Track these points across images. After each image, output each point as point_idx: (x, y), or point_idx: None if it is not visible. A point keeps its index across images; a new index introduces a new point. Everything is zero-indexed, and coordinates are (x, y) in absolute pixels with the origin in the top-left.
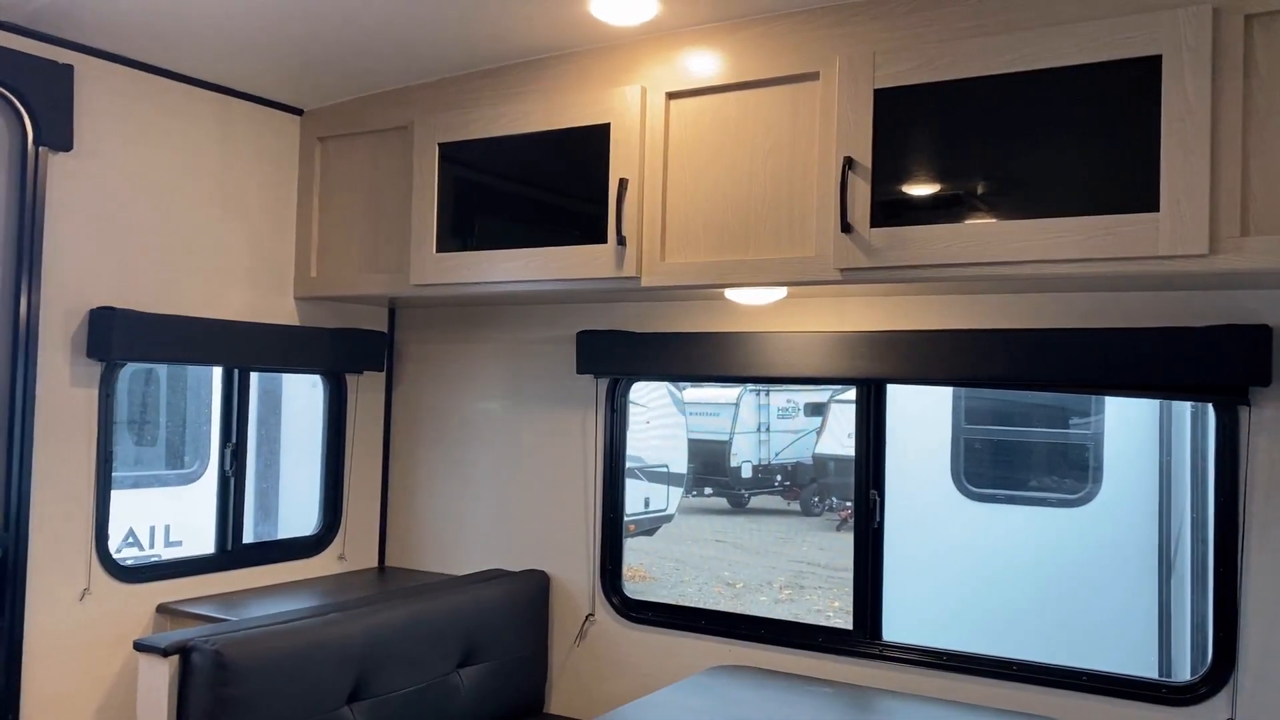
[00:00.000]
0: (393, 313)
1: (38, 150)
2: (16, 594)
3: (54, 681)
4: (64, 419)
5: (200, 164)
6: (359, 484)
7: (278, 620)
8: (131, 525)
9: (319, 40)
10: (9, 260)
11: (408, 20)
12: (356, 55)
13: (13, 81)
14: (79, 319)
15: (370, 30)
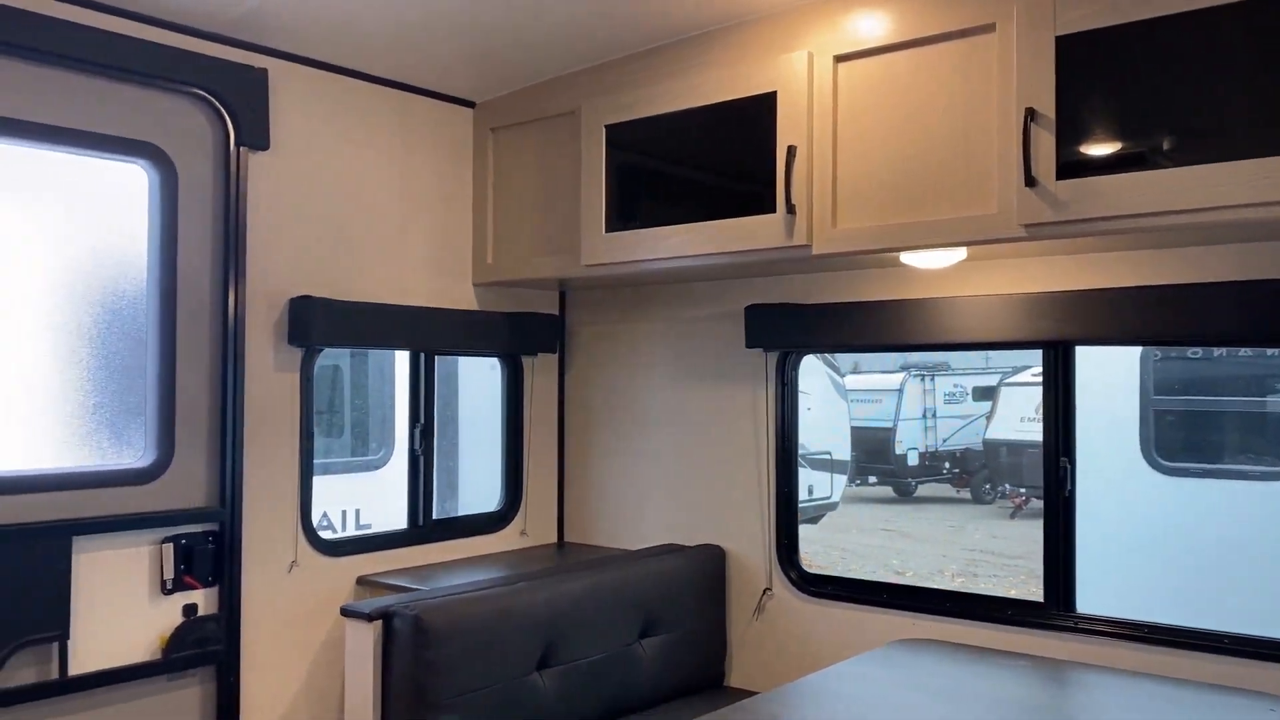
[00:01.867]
0: (563, 296)
1: (239, 150)
2: (234, 565)
3: (268, 645)
4: (269, 402)
5: (384, 158)
6: (537, 462)
7: (470, 589)
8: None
9: (491, 33)
10: (217, 254)
11: (575, 5)
12: (525, 45)
13: (216, 86)
14: (280, 308)
15: (539, 19)
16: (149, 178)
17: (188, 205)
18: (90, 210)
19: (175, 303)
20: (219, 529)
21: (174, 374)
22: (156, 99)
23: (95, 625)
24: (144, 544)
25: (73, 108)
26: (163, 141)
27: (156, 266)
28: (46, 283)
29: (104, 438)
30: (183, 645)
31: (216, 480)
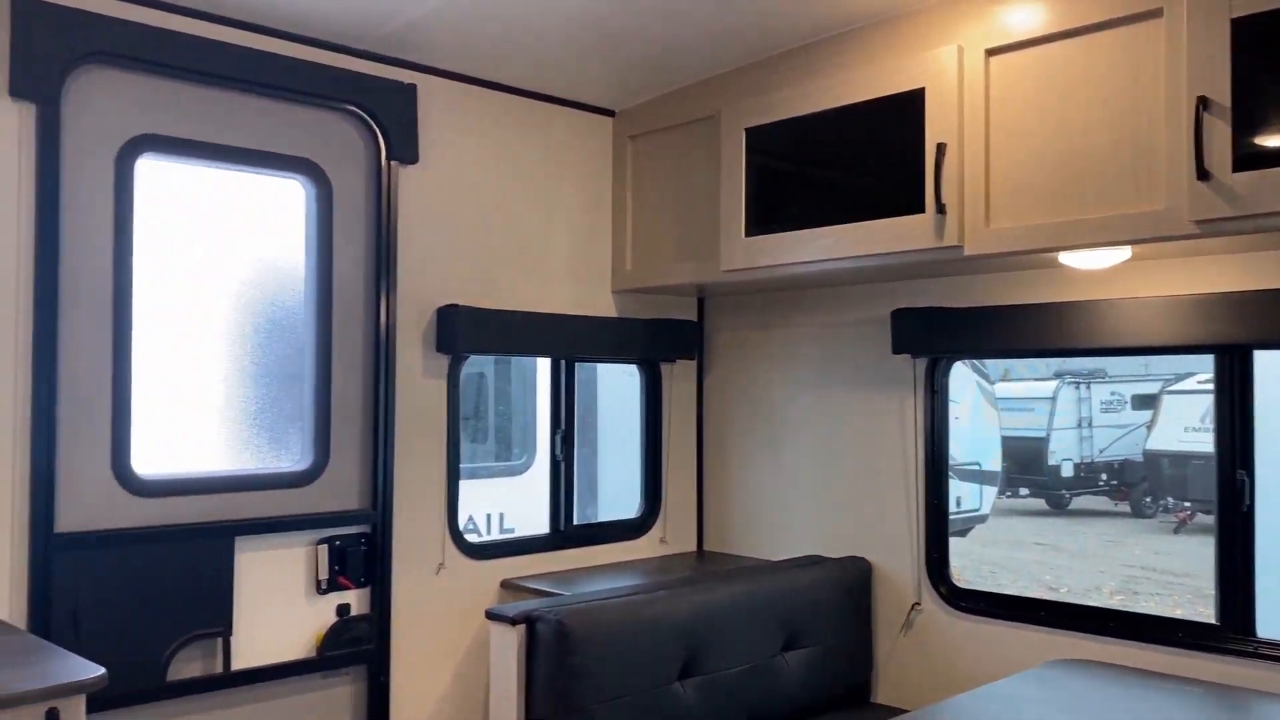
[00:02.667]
0: (702, 302)
1: (390, 164)
2: (384, 567)
3: (417, 645)
4: (418, 408)
5: (526, 168)
6: (676, 470)
7: (612, 595)
8: (470, 514)
9: (631, 42)
10: (369, 265)
11: (715, 8)
12: (665, 52)
13: (368, 103)
14: (428, 316)
15: (679, 25)
16: (306, 192)
17: (342, 218)
18: (253, 224)
19: (331, 312)
20: (371, 531)
21: (329, 381)
22: (314, 116)
23: (256, 622)
24: (301, 544)
25: (240, 127)
26: (319, 157)
27: (314, 278)
28: (215, 295)
29: (264, 442)
30: (337, 644)
31: (369, 483)
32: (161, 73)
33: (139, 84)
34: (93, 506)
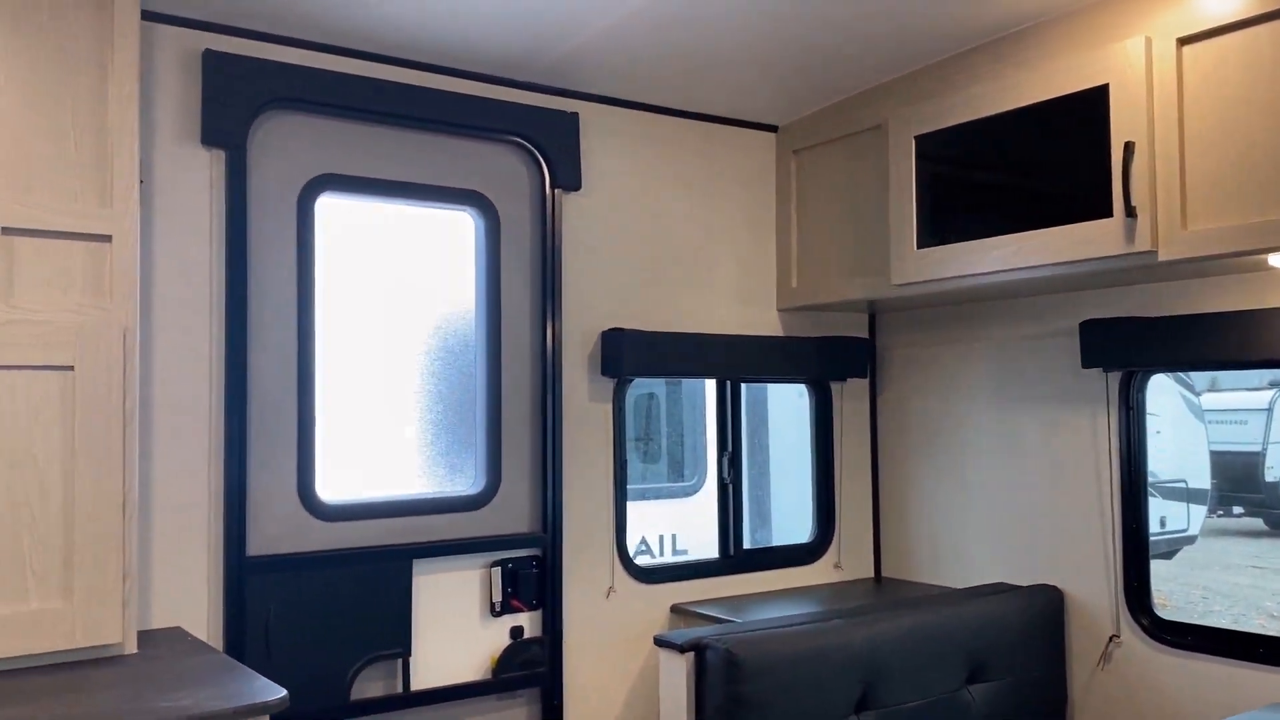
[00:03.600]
0: (873, 318)
1: (554, 192)
2: (555, 590)
3: (588, 669)
4: (585, 432)
5: (688, 189)
6: (850, 492)
7: (783, 623)
8: (644, 535)
9: (793, 55)
10: (535, 292)
11: (879, 16)
12: (828, 64)
13: (532, 133)
14: (593, 340)
15: (843, 35)
16: (475, 223)
17: (509, 247)
18: (426, 256)
19: (500, 339)
20: (542, 554)
21: (499, 407)
22: (481, 149)
23: (433, 643)
24: (475, 567)
25: (412, 163)
26: (487, 188)
27: (483, 306)
28: (391, 325)
29: (440, 467)
30: (511, 666)
31: (539, 507)
32: (338, 115)
33: (317, 126)
34: (281, 531)
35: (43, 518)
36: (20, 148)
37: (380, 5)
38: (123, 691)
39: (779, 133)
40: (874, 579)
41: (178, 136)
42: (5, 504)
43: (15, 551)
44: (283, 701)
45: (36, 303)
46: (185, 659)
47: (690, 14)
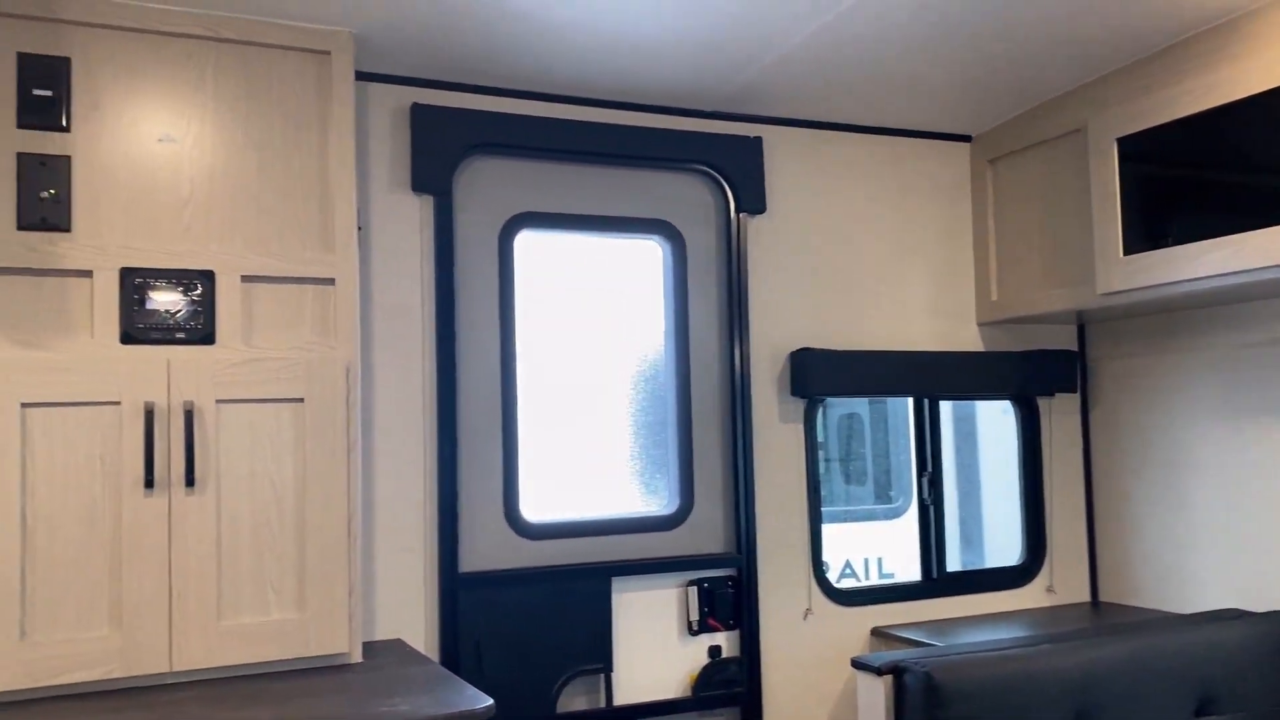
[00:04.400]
0: (1081, 329)
1: (739, 216)
2: (751, 610)
3: (787, 690)
4: (776, 453)
5: (877, 205)
6: (1061, 512)
7: (987, 647)
8: (848, 558)
9: (986, 64)
10: (722, 315)
11: (1074, 18)
12: (1021, 69)
13: (716, 160)
14: (781, 361)
15: (1038, 40)
16: (663, 251)
17: (696, 272)
18: (617, 284)
19: (689, 363)
20: (737, 574)
21: (690, 429)
22: (667, 179)
23: (633, 660)
24: (671, 586)
25: (602, 197)
26: (673, 217)
27: (672, 331)
28: (586, 352)
29: (636, 488)
30: (709, 685)
31: (732, 527)
32: (533, 156)
33: (515, 168)
34: (489, 549)
35: (280, 537)
36: (256, 205)
37: (570, 51)
38: (348, 697)
39: (973, 142)
40: (1090, 603)
41: (390, 185)
42: (249, 525)
43: (258, 568)
44: (489, 710)
45: (271, 342)
46: (404, 668)
47: (872, 31)
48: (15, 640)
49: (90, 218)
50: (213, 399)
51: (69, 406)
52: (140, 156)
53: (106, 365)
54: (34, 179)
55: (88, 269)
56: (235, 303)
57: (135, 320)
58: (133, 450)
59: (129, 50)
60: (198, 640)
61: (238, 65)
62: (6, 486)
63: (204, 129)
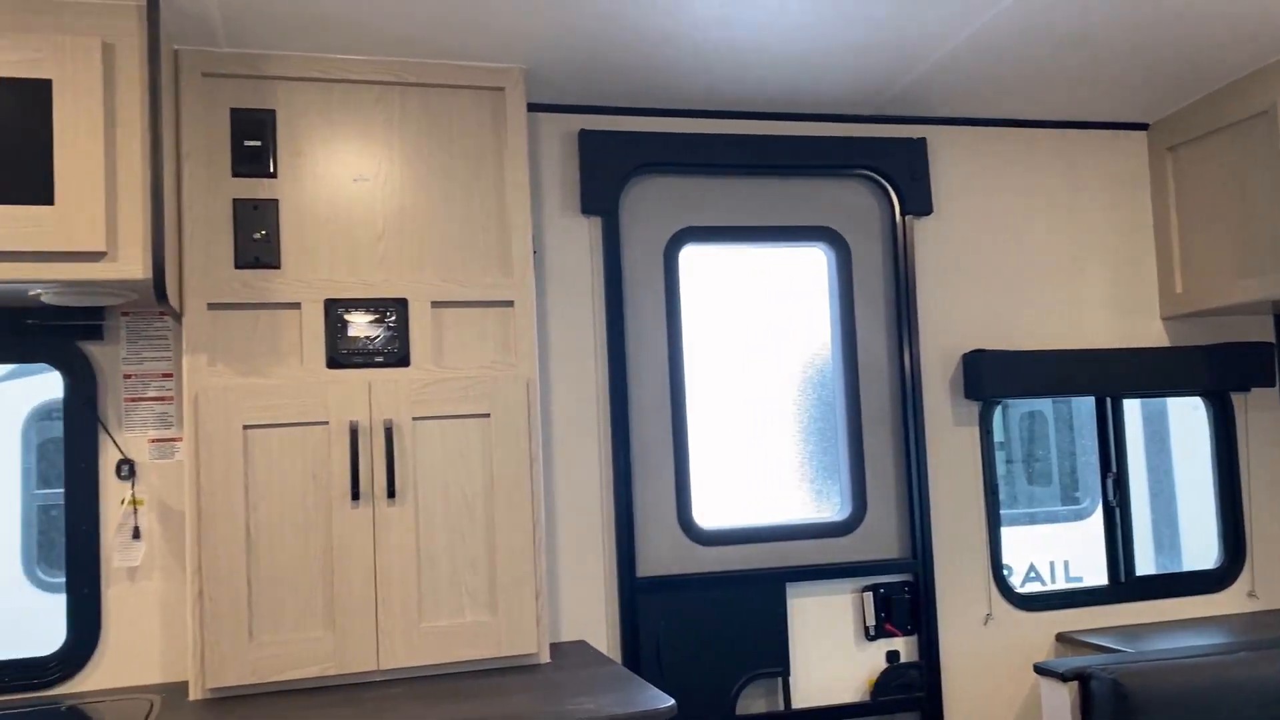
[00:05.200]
0: (1278, 319)
1: (904, 220)
2: (929, 615)
3: (969, 696)
4: (950, 456)
5: (1048, 200)
6: (1263, 513)
7: (1178, 654)
8: (1032, 560)
9: (1161, 49)
10: (890, 319)
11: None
12: (1200, 51)
13: (880, 165)
14: (953, 364)
15: (1213, 23)
16: (827, 257)
17: (861, 278)
18: (782, 292)
19: (857, 368)
20: (913, 579)
21: (860, 433)
22: (829, 186)
23: (810, 664)
24: (846, 591)
25: (765, 208)
26: (837, 223)
27: (839, 336)
28: (754, 361)
29: (807, 494)
30: (888, 690)
31: (907, 533)
32: (696, 172)
33: (679, 185)
34: (664, 555)
35: (472, 544)
36: (441, 235)
37: (730, 69)
38: (537, 695)
39: (1150, 130)
40: None
41: (562, 208)
42: (444, 533)
43: (453, 573)
44: (671, 710)
45: (459, 362)
46: (588, 669)
47: (1038, 24)
48: (245, 641)
49: (296, 254)
50: (409, 416)
51: (284, 427)
52: (338, 196)
53: (315, 389)
54: (248, 222)
55: (296, 301)
56: (426, 327)
57: (339, 346)
58: (340, 465)
59: (325, 99)
60: (401, 641)
61: (420, 106)
62: (233, 502)
63: (393, 167)
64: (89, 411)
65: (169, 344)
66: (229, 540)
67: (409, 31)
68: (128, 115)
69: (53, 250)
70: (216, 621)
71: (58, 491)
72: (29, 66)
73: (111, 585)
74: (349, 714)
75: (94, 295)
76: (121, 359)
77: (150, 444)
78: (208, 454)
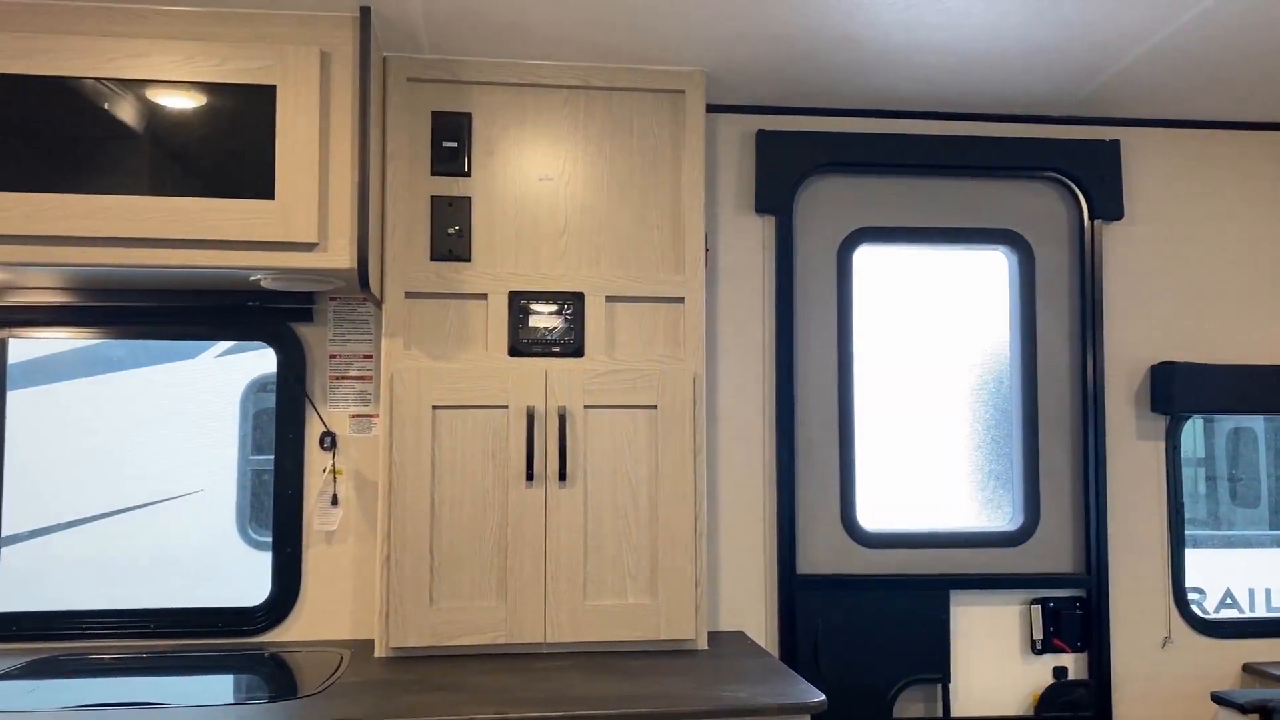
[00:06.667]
0: None
1: (1093, 224)
2: (1102, 633)
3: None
4: (1132, 471)
5: (1252, 206)
6: None
7: None
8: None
9: None
10: (1073, 327)
11: None
12: None
13: (1069, 166)
14: (1140, 375)
15: None
16: (1008, 261)
17: (1044, 282)
18: (958, 296)
19: (1035, 375)
20: (1085, 595)
21: (1036, 443)
22: (1013, 188)
23: (971, 673)
24: (1013, 603)
25: (943, 209)
26: (1020, 226)
27: (1018, 343)
28: (926, 364)
29: (975, 502)
30: (1053, 706)
31: (1081, 547)
32: (872, 172)
33: (854, 185)
34: (825, 553)
35: (635, 529)
36: (617, 232)
37: (913, 70)
38: (693, 679)
39: None
40: None
41: (736, 207)
42: (610, 517)
43: (617, 556)
44: (821, 704)
45: (630, 355)
46: (744, 659)
47: (1249, 20)
48: (425, 605)
49: (485, 249)
50: (581, 404)
51: (468, 409)
52: (524, 195)
53: (497, 375)
54: (443, 218)
55: (483, 293)
56: (600, 320)
57: (520, 336)
58: (517, 447)
59: (518, 102)
60: (566, 616)
61: (604, 108)
62: (420, 476)
63: (576, 167)
64: (298, 387)
65: (370, 328)
66: (415, 511)
67: (598, 38)
68: (340, 118)
69: (273, 240)
70: (401, 585)
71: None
72: (257, 74)
73: (311, 546)
74: (518, 680)
75: (306, 282)
76: (328, 340)
77: (350, 419)
78: (400, 430)
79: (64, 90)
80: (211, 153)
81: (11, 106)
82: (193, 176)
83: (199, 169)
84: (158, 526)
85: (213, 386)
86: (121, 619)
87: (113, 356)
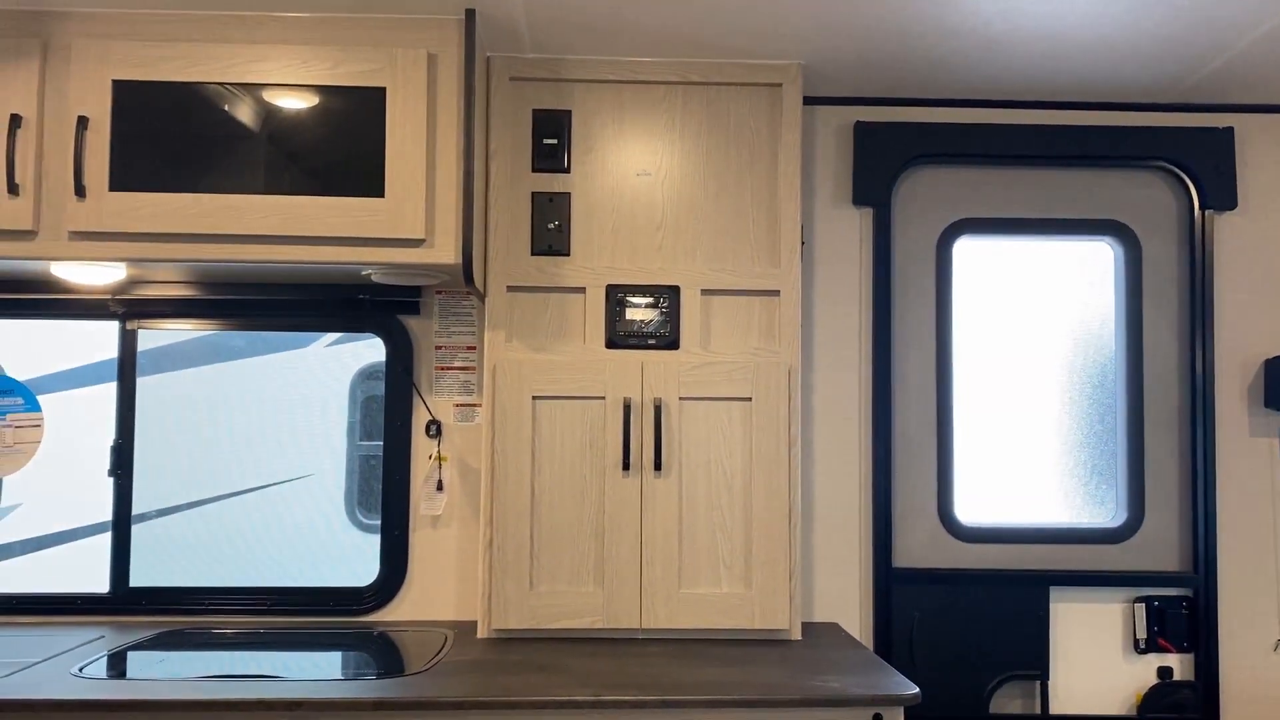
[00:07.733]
0: None
1: (1203, 214)
2: (1210, 635)
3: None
4: (1243, 468)
5: None
6: None
7: None
8: None
9: None
10: (1182, 320)
11: None
12: None
13: (1178, 155)
14: (1253, 369)
15: None
16: (1114, 253)
17: (1150, 274)
18: (1062, 288)
19: (1142, 369)
20: (1192, 595)
21: (1142, 438)
22: (1118, 177)
23: (1071, 671)
24: (1115, 601)
25: (1046, 200)
26: (1126, 216)
27: (1123, 335)
28: (1028, 357)
29: (1077, 497)
30: (1157, 707)
31: (1188, 546)
32: (973, 163)
33: (954, 176)
34: (922, 547)
35: (730, 519)
36: (713, 226)
37: (1014, 59)
38: (786, 669)
39: None
40: None
41: (833, 200)
42: (705, 507)
43: (711, 544)
44: (915, 698)
45: (725, 347)
46: (838, 651)
47: None
48: (526, 589)
49: (584, 244)
50: (676, 396)
51: (566, 400)
52: (622, 190)
53: (595, 366)
54: (544, 213)
55: (581, 286)
56: (695, 313)
57: (617, 329)
58: (614, 437)
59: (616, 99)
60: (661, 604)
61: (701, 103)
62: (521, 464)
63: (673, 162)
64: (406, 377)
65: (473, 320)
66: (516, 497)
67: (695, 33)
68: (446, 118)
69: (383, 237)
70: (503, 569)
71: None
72: (368, 76)
73: (417, 530)
74: (614, 665)
75: (414, 276)
76: (434, 332)
77: (455, 408)
78: (502, 420)
79: (188, 95)
80: (325, 153)
81: (140, 112)
82: (307, 176)
83: (313, 168)
84: (271, 508)
85: (324, 375)
86: (240, 596)
87: (233, 345)
